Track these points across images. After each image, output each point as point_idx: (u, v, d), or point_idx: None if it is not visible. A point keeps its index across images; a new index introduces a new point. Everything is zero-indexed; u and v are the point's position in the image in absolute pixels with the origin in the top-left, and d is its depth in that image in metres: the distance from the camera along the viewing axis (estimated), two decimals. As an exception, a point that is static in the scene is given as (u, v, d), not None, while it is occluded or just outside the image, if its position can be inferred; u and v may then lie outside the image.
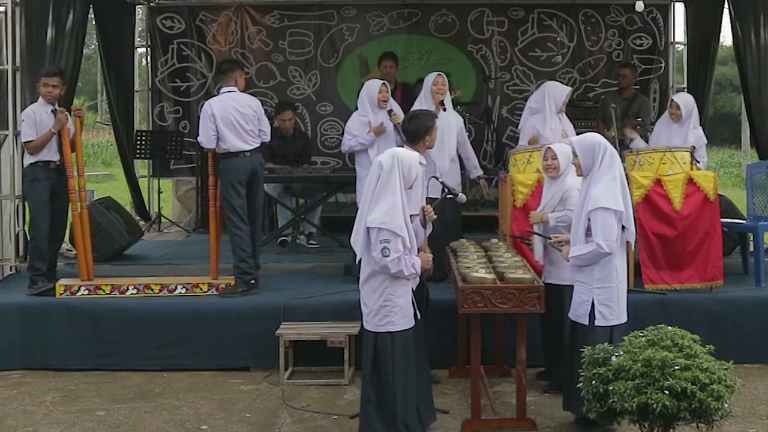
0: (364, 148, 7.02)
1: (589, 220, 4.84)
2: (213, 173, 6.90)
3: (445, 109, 6.87)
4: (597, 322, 4.88)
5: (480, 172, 7.40)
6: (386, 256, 4.46)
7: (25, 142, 6.77)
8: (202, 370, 6.37)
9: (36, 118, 6.72)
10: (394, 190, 4.52)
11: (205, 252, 7.27)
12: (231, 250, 6.76)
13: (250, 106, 6.80)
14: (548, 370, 5.94)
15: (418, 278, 4.78)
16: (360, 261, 4.65)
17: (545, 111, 7.05)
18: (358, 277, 4.79)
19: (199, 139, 6.84)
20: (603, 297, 4.89)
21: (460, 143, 7.14)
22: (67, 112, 6.74)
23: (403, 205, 4.53)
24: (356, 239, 4.60)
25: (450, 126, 6.92)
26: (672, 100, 7.57)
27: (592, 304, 4.90)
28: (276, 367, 6.14)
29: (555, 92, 7.13)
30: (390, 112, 6.90)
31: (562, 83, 10.57)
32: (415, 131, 5.28)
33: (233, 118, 6.68)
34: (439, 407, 5.35)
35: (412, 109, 6.85)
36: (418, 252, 4.74)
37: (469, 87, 10.75)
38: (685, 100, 7.42)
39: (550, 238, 5.40)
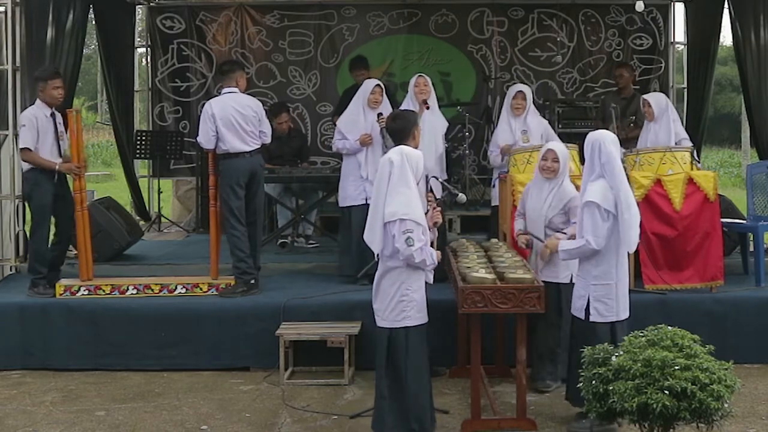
0: (349, 153, 7.03)
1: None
2: (213, 173, 6.90)
3: (428, 107, 6.91)
4: (592, 318, 4.90)
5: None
6: (411, 246, 4.46)
7: (22, 148, 6.69)
8: (202, 370, 6.37)
9: (36, 123, 6.65)
10: (408, 183, 4.54)
11: (205, 252, 7.27)
12: (229, 250, 6.76)
13: (250, 107, 6.80)
14: (533, 370, 5.79)
15: (432, 273, 4.79)
16: (378, 257, 4.64)
17: (504, 111, 7.45)
18: (373, 275, 4.77)
19: (198, 139, 6.84)
20: (599, 293, 4.89)
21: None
22: (81, 167, 6.69)
23: (417, 198, 4.55)
24: (372, 237, 4.59)
25: (435, 126, 7.00)
26: (643, 98, 7.48)
27: (588, 299, 4.90)
28: (276, 367, 6.14)
29: (508, 93, 7.48)
30: (379, 115, 6.87)
31: (562, 83, 10.70)
32: (401, 129, 5.13)
33: (233, 119, 6.68)
34: (439, 407, 5.34)
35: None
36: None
37: (469, 87, 10.77)
38: (656, 98, 7.38)
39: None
